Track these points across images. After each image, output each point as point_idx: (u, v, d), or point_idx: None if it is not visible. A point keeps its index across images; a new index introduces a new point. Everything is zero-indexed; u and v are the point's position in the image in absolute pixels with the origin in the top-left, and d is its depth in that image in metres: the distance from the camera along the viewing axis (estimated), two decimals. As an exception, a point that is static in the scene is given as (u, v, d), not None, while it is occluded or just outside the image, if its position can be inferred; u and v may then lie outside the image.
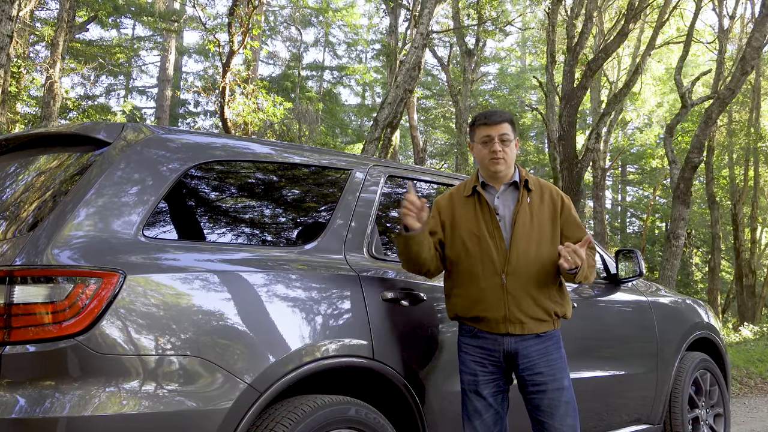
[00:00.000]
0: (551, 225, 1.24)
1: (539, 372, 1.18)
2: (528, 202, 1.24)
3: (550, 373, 1.18)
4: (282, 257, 1.14)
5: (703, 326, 2.14)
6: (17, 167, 1.19)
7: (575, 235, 1.24)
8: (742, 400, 3.50)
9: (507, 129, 1.24)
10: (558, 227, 1.25)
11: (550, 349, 1.21)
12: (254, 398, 0.99)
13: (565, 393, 1.19)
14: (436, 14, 6.50)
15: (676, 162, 6.89)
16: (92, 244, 0.94)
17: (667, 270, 6.10)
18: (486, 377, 1.20)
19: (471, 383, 1.21)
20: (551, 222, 1.24)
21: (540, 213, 1.24)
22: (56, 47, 5.02)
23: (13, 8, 3.52)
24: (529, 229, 1.22)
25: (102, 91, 10.87)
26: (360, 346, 1.16)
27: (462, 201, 1.27)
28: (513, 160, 1.27)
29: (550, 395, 1.18)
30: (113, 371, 0.89)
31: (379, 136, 4.83)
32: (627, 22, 6.27)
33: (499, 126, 1.24)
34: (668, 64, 11.47)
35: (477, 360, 1.21)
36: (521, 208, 1.23)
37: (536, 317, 1.20)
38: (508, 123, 1.25)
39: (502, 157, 1.23)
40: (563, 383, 1.19)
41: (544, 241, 1.22)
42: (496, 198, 1.25)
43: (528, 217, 1.23)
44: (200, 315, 0.97)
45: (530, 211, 1.23)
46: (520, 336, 1.19)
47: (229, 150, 1.21)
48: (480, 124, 1.25)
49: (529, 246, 1.21)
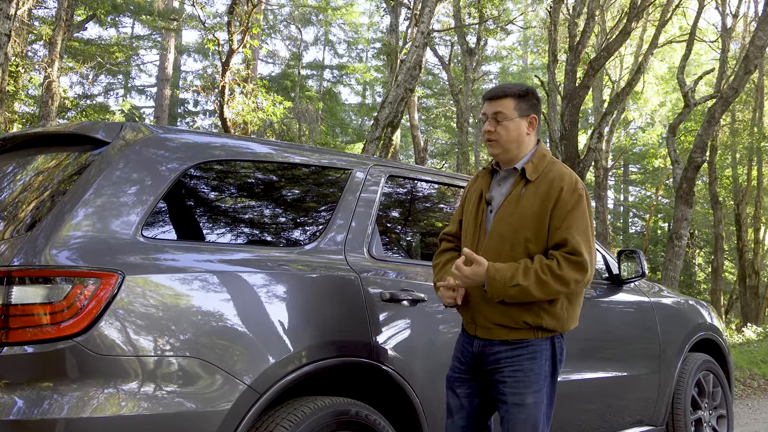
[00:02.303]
0: (537, 222, 1.03)
1: (503, 381, 1.05)
2: (520, 194, 1.06)
3: (512, 385, 1.04)
4: (282, 257, 1.14)
5: (706, 327, 2.13)
6: (15, 167, 1.19)
7: (554, 238, 1.02)
8: (745, 402, 3.47)
9: (505, 106, 1.07)
10: (546, 226, 1.03)
11: (521, 360, 1.04)
12: (254, 399, 0.98)
13: (524, 411, 1.02)
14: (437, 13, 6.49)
15: (679, 162, 6.86)
16: (91, 244, 0.93)
17: (670, 270, 6.07)
18: (460, 375, 1.12)
19: (449, 380, 1.14)
20: (538, 218, 1.03)
21: (528, 208, 1.04)
22: (54, 46, 5.00)
23: (10, 7, 3.52)
24: (508, 225, 1.05)
25: (100, 90, 10.88)
26: (360, 346, 1.15)
27: (477, 182, 1.16)
28: (512, 143, 1.07)
29: (509, 409, 1.04)
30: (112, 372, 0.89)
31: (380, 136, 4.82)
32: (629, 20, 6.24)
33: (496, 102, 1.07)
34: (671, 63, 11.41)
35: (457, 355, 1.14)
36: (507, 200, 1.07)
37: (501, 324, 1.05)
38: (511, 98, 1.07)
39: (494, 139, 1.07)
40: (525, 400, 1.02)
41: (525, 240, 1.03)
42: (497, 184, 1.11)
43: (510, 211, 1.06)
44: (199, 316, 0.97)
45: (517, 205, 1.05)
46: (487, 340, 1.07)
47: (229, 150, 1.21)
48: (483, 98, 1.12)
49: (503, 243, 1.04)
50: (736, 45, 9.03)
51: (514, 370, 1.05)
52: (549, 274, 1.00)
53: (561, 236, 1.03)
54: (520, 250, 1.05)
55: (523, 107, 1.09)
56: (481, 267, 1.01)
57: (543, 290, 1.01)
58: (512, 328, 1.05)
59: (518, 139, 1.09)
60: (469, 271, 1.01)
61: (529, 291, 1.00)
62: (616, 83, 10.04)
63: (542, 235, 1.05)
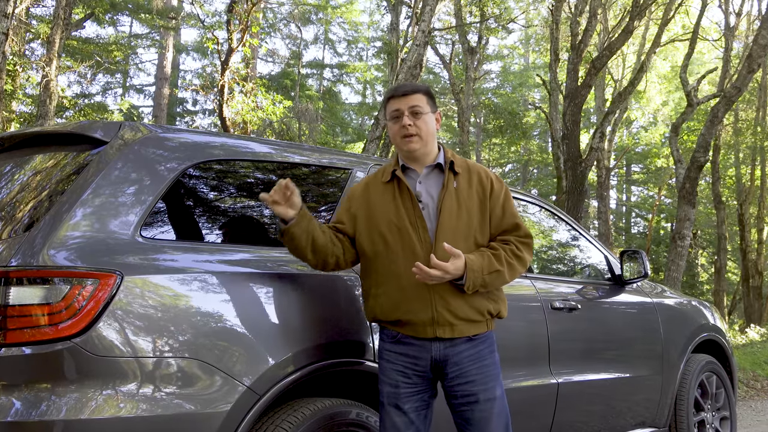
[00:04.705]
0: (480, 213, 1.07)
1: (470, 381, 1.03)
2: (454, 186, 1.06)
3: (482, 382, 1.03)
4: (281, 258, 1.13)
5: (709, 328, 2.12)
6: (13, 167, 1.18)
7: (503, 224, 1.08)
8: (748, 403, 3.46)
9: (419, 100, 1.07)
10: (487, 215, 1.07)
11: (483, 354, 1.05)
12: (253, 401, 0.97)
13: (497, 404, 1.04)
14: (438, 11, 6.46)
15: (682, 161, 6.83)
16: (89, 244, 0.93)
17: (673, 271, 6.05)
18: (409, 389, 1.04)
19: (391, 396, 1.05)
20: (480, 209, 1.07)
21: (468, 199, 1.06)
22: (52, 45, 4.96)
23: (8, 5, 3.51)
24: (457, 219, 1.05)
25: (99, 89, 10.87)
26: (361, 347, 1.15)
27: (380, 188, 1.09)
28: (431, 137, 1.08)
29: (482, 407, 1.02)
30: (110, 373, 0.88)
31: (380, 135, 4.81)
32: (632, 19, 6.20)
33: (408, 97, 1.06)
34: (674, 61, 11.36)
35: (400, 369, 1.05)
36: (447, 194, 1.06)
37: (468, 318, 1.04)
38: (422, 94, 1.08)
39: (415, 133, 1.05)
40: (495, 393, 1.04)
41: (474, 232, 1.06)
42: (418, 183, 1.08)
43: (455, 205, 1.05)
44: (198, 316, 0.96)
45: (457, 198, 1.06)
46: (449, 340, 1.03)
47: (228, 149, 1.20)
48: (388, 97, 1.09)
49: (456, 237, 1.04)
50: (739, 44, 8.99)
51: (480, 367, 1.05)
52: (514, 258, 1.07)
53: (511, 222, 1.10)
54: (471, 241, 1.06)
55: (431, 103, 1.10)
56: (460, 260, 1.00)
57: (512, 273, 1.06)
58: (474, 322, 1.06)
59: (433, 133, 1.10)
60: (452, 267, 0.99)
61: (504, 275, 1.05)
62: (618, 82, 9.99)
63: (485, 225, 1.09)
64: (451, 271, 1.00)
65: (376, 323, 1.12)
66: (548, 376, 1.49)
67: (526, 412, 1.41)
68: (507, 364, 1.16)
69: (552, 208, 1.87)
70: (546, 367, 1.48)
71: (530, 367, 1.45)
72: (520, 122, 9.42)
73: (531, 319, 1.48)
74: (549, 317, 1.51)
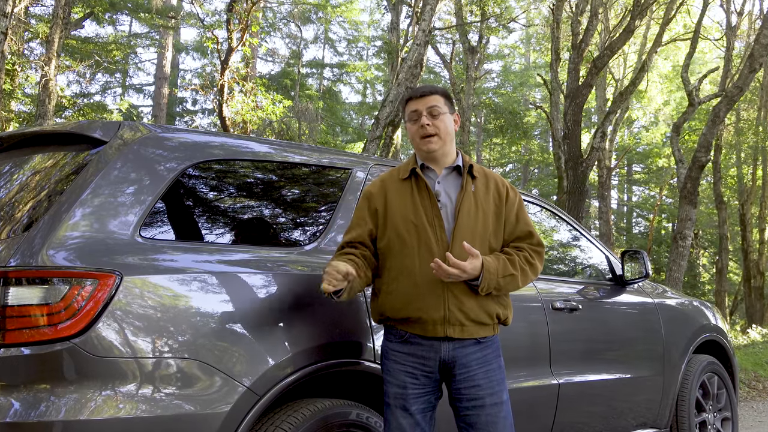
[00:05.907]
0: (495, 218, 1.09)
1: (477, 384, 1.03)
2: (472, 190, 1.08)
3: (488, 386, 1.04)
4: (281, 258, 1.13)
5: (710, 328, 2.11)
6: (12, 166, 1.18)
7: (517, 231, 1.10)
8: (750, 404, 3.45)
9: (437, 101, 1.09)
10: (502, 221, 1.10)
11: (489, 358, 1.06)
12: (253, 402, 0.97)
13: (503, 408, 1.04)
14: (439, 11, 6.45)
15: (683, 161, 6.80)
16: (88, 244, 0.92)
17: (674, 271, 6.03)
18: (416, 390, 1.04)
19: (398, 397, 1.04)
20: (495, 214, 1.09)
21: (485, 203, 1.09)
22: (51, 44, 4.96)
23: (7, 5, 3.51)
24: (474, 220, 1.06)
25: (98, 88, 10.86)
26: (361, 348, 1.14)
27: (397, 185, 1.10)
28: (450, 137, 1.10)
29: (489, 411, 1.03)
30: (110, 374, 0.88)
31: (381, 135, 4.80)
32: (633, 18, 6.19)
33: (426, 98, 1.08)
34: (675, 61, 11.33)
35: (408, 370, 1.04)
36: (465, 196, 1.07)
37: (478, 320, 1.05)
38: (440, 95, 1.10)
39: (433, 132, 1.07)
40: (502, 397, 1.05)
41: (489, 236, 1.08)
42: (437, 183, 1.09)
43: (473, 207, 1.07)
44: (198, 317, 0.96)
45: (475, 201, 1.08)
46: (459, 341, 1.04)
47: (228, 149, 1.20)
48: (407, 99, 1.11)
49: (473, 238, 1.05)
50: (741, 43, 8.95)
51: (487, 371, 1.06)
52: (527, 264, 1.09)
53: (524, 230, 1.12)
54: (486, 245, 1.08)
55: (449, 104, 1.13)
56: (478, 260, 1.01)
57: (524, 279, 1.09)
58: (483, 325, 1.07)
59: (452, 134, 1.12)
60: (469, 266, 0.99)
61: (517, 280, 1.07)
62: (619, 82, 9.98)
63: (500, 231, 1.11)
64: (469, 270, 0.99)
65: (383, 322, 1.10)
66: (549, 377, 1.48)
67: (526, 412, 1.40)
68: (508, 365, 1.16)
69: (553, 208, 1.86)
70: (547, 368, 1.48)
71: (531, 367, 1.45)
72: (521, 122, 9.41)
73: (532, 319, 1.48)
74: (550, 317, 1.50)
